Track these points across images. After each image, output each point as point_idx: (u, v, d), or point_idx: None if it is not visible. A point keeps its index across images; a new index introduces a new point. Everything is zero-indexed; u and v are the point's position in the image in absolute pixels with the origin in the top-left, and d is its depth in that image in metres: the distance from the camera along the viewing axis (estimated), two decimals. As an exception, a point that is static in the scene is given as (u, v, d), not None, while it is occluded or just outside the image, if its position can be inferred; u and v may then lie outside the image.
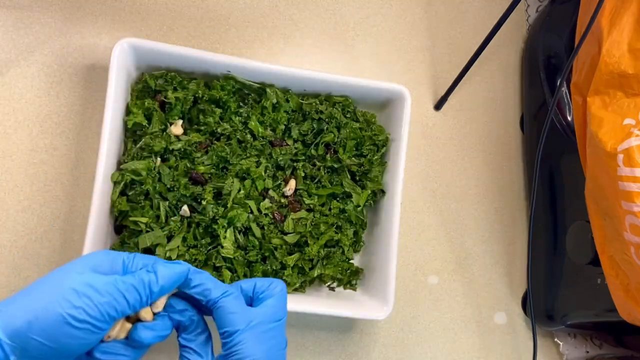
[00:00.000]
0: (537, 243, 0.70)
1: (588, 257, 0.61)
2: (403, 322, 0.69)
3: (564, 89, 0.66)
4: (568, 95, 0.66)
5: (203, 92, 0.61)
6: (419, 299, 0.70)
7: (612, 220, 0.54)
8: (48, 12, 0.65)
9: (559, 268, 0.68)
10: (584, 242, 0.61)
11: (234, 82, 0.62)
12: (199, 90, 0.61)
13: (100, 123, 0.56)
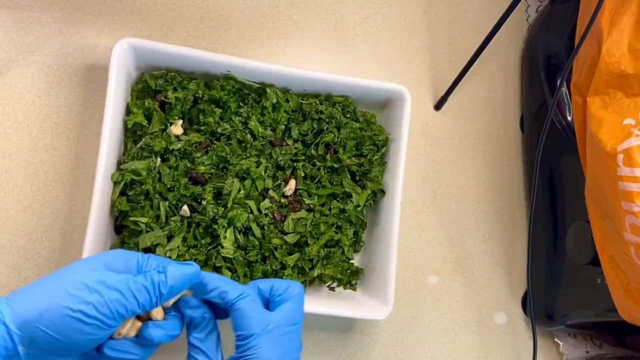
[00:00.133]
0: (537, 243, 0.70)
1: (588, 257, 0.61)
2: (403, 322, 0.69)
3: (564, 89, 0.66)
4: (568, 95, 0.66)
5: (203, 92, 0.61)
6: (419, 299, 0.70)
7: (612, 220, 0.54)
8: (48, 12, 0.65)
9: (559, 268, 0.68)
10: (584, 242, 0.61)
11: (234, 82, 0.62)
12: (199, 90, 0.61)
13: (100, 123, 0.56)
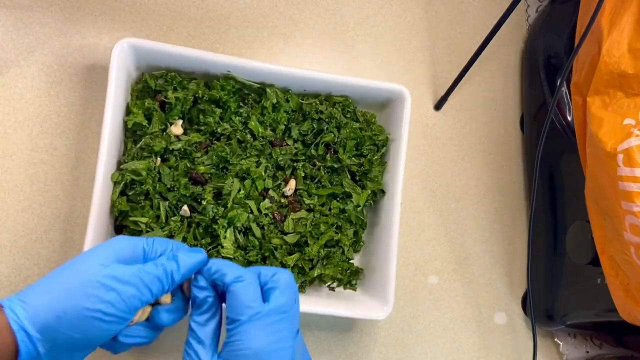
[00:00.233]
0: (537, 243, 0.70)
1: (588, 257, 0.61)
2: (403, 322, 0.69)
3: (564, 89, 0.66)
4: (568, 95, 0.66)
5: (203, 92, 0.61)
6: (419, 299, 0.70)
7: (612, 220, 0.54)
8: (48, 12, 0.65)
9: (559, 268, 0.68)
10: (584, 242, 0.61)
11: (234, 82, 0.62)
12: (199, 90, 0.61)
13: (100, 123, 0.56)
